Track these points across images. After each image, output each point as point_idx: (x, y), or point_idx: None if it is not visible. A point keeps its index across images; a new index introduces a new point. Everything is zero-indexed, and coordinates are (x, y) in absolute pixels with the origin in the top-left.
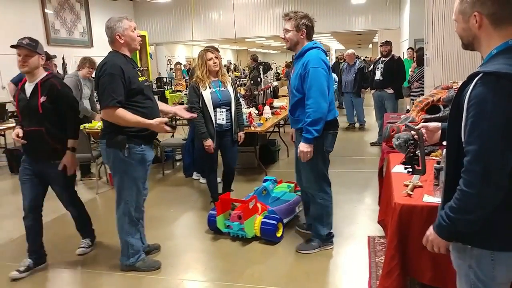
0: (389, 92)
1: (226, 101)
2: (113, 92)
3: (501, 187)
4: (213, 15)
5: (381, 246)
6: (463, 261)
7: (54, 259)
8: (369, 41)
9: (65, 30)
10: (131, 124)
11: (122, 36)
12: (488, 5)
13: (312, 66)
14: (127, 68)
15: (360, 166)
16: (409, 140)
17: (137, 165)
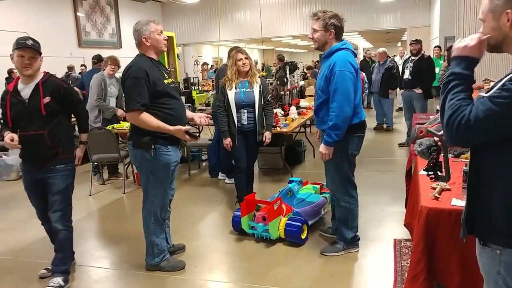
0: (418, 92)
1: (249, 103)
2: (138, 96)
3: None
4: (239, 15)
5: (407, 249)
6: (491, 266)
7: (80, 257)
8: (398, 39)
9: (96, 32)
10: (152, 128)
11: (148, 39)
12: None
13: (339, 69)
14: (152, 70)
15: (388, 168)
16: (432, 147)
17: (163, 166)
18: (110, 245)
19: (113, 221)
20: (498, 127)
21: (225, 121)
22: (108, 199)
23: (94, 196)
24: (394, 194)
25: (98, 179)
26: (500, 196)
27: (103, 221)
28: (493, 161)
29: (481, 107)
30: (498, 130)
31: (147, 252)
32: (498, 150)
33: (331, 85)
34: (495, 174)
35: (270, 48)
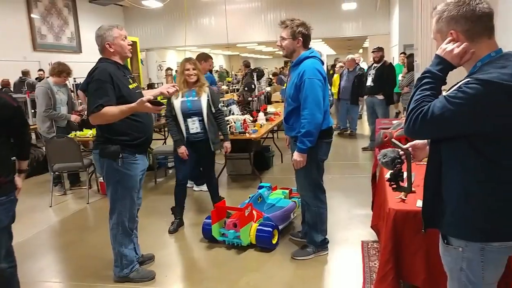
0: (380, 98)
1: (197, 111)
2: (99, 98)
3: None
4: (204, 21)
5: (375, 250)
6: (454, 264)
7: (40, 273)
8: (359, 46)
9: (52, 36)
10: (118, 116)
11: (112, 45)
12: (461, 23)
13: (308, 76)
14: (116, 75)
15: (353, 172)
16: (396, 159)
17: (131, 175)
18: (73, 258)
19: (77, 233)
20: (450, 124)
21: (175, 130)
22: (70, 210)
23: (55, 207)
24: (359, 197)
25: (60, 189)
26: (457, 191)
27: (66, 233)
28: (449, 162)
29: (437, 104)
30: (450, 127)
31: (115, 264)
32: (453, 147)
33: (301, 92)
34: (451, 170)
35: (236, 54)
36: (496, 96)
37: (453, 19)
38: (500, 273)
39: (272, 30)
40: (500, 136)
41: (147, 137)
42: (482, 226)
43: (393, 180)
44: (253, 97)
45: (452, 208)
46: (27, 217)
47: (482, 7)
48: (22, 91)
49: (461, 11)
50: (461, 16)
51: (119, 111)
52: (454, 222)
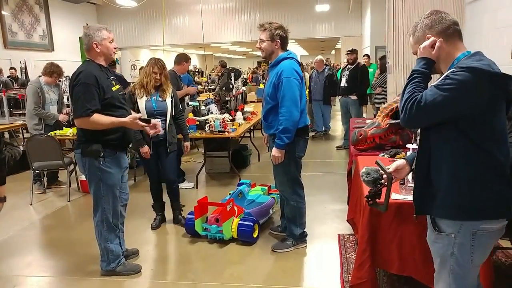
0: (353, 98)
1: (162, 111)
2: (87, 102)
3: None
4: (179, 20)
5: (351, 243)
6: (445, 250)
7: (27, 269)
8: (332, 47)
9: (24, 33)
10: (107, 126)
11: (99, 45)
12: (435, 27)
13: (286, 76)
14: (101, 77)
15: (328, 169)
16: (378, 180)
17: (112, 173)
18: (60, 254)
19: (60, 230)
20: (443, 109)
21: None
22: (52, 208)
23: (36, 205)
24: (335, 194)
25: (39, 187)
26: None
27: (49, 230)
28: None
29: (429, 92)
30: (443, 111)
31: (102, 259)
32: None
33: (279, 91)
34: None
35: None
36: (481, 80)
37: (427, 26)
38: (486, 256)
39: (247, 31)
40: (485, 119)
41: (123, 134)
42: (470, 207)
43: (371, 198)
44: (230, 97)
45: (442, 191)
46: (8, 215)
47: (447, 17)
48: None
49: (432, 19)
50: (433, 22)
51: (110, 122)
52: (445, 204)
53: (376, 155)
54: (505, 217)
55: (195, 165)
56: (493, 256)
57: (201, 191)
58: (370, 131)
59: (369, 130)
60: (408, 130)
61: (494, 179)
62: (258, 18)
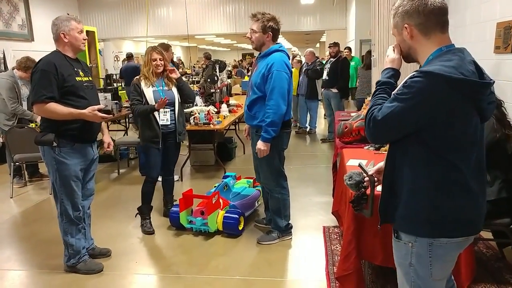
0: (334, 91)
1: (170, 101)
2: (43, 88)
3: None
4: (163, 11)
5: (336, 235)
6: (403, 259)
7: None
8: (317, 40)
9: (2, 22)
10: (64, 117)
11: (66, 35)
12: (414, 16)
13: (276, 69)
14: (63, 66)
15: (313, 162)
16: (360, 183)
17: (68, 163)
18: (41, 247)
19: (41, 223)
20: (401, 121)
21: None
22: (33, 201)
23: (16, 198)
24: (319, 186)
25: (18, 181)
26: (407, 185)
27: (30, 223)
28: (402, 157)
29: (387, 103)
30: (401, 124)
31: (64, 253)
32: (404, 142)
33: (267, 83)
34: (403, 165)
35: (194, 45)
36: (438, 87)
37: (407, 13)
38: (449, 270)
39: (231, 23)
40: (446, 129)
41: (84, 125)
42: (428, 221)
43: (356, 203)
44: (215, 89)
45: (403, 203)
46: None
47: (434, 2)
48: None
49: (414, 5)
50: (414, 10)
51: (68, 112)
52: (404, 217)
53: (361, 148)
54: (465, 236)
55: (180, 158)
56: (475, 247)
57: (186, 184)
58: (355, 123)
59: (355, 122)
60: None
61: (457, 193)
62: (243, 10)
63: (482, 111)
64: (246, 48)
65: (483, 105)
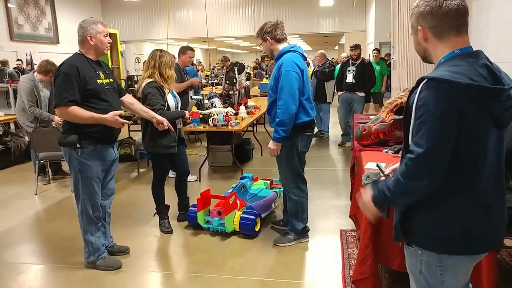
0: (361, 95)
1: (178, 105)
2: (66, 91)
3: (435, 183)
4: (183, 14)
5: (353, 239)
6: (414, 266)
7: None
8: (336, 42)
9: (29, 26)
10: (86, 121)
11: (93, 38)
12: (428, 19)
13: (285, 68)
14: (85, 69)
15: (331, 164)
16: (377, 183)
17: (90, 164)
18: (62, 243)
19: (63, 220)
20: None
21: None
22: (55, 198)
23: (40, 195)
24: (337, 189)
25: (43, 179)
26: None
27: (52, 220)
28: None
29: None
30: (445, 145)
31: (85, 250)
32: None
33: (278, 84)
34: None
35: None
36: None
37: (421, 15)
38: (462, 280)
39: (250, 25)
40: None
41: (106, 127)
42: (438, 237)
43: None
44: (234, 91)
45: (415, 216)
46: (14, 204)
47: (449, 3)
48: (4, 81)
49: (429, 7)
50: (428, 12)
51: (89, 116)
52: (414, 231)
53: (380, 151)
54: (477, 253)
55: (198, 158)
56: (497, 255)
57: (203, 184)
58: (374, 126)
59: (373, 125)
60: None
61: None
62: (262, 13)
63: (497, 118)
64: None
65: (498, 111)
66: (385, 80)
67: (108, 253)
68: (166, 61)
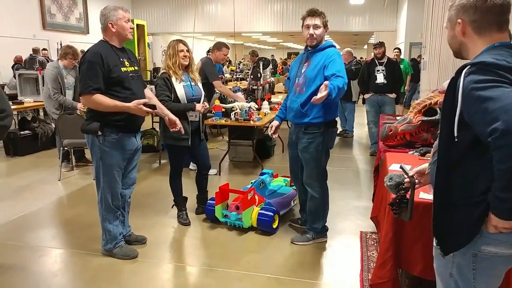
0: (392, 96)
1: (198, 97)
2: (90, 79)
3: None
4: (211, 8)
5: (373, 241)
6: (444, 269)
7: (56, 240)
8: (365, 41)
9: (61, 15)
10: (109, 109)
11: (114, 25)
12: (470, 12)
13: (338, 56)
14: (109, 56)
15: (354, 165)
16: (400, 185)
17: (112, 153)
18: (83, 229)
19: (84, 206)
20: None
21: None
22: (78, 185)
23: (63, 181)
24: (358, 189)
25: (66, 165)
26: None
27: (74, 206)
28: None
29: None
30: None
31: (102, 237)
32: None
33: (329, 68)
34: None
35: (240, 43)
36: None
37: (463, 7)
38: (494, 286)
39: (278, 21)
40: None
41: (130, 116)
42: None
43: (395, 205)
44: (258, 86)
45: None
46: (39, 189)
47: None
48: (34, 68)
49: (472, 0)
50: (471, 5)
51: (113, 105)
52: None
53: (405, 152)
54: None
55: (219, 152)
56: None
57: (223, 178)
58: (400, 127)
59: (400, 126)
60: None
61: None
62: (291, 9)
63: None
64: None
65: None
66: (408, 80)
67: (125, 242)
68: (168, 51)
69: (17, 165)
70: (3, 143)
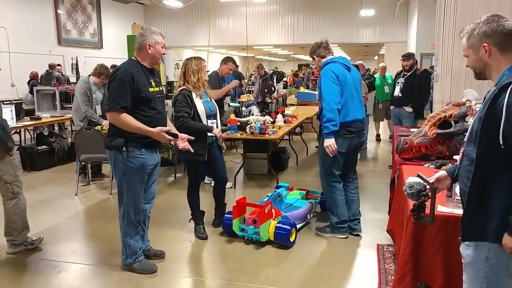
0: (408, 110)
1: (214, 113)
2: (119, 97)
3: None
4: (223, 22)
5: (390, 254)
6: (479, 254)
7: (75, 255)
8: (376, 53)
9: (76, 31)
10: (133, 130)
11: (151, 47)
12: (493, 36)
13: (323, 77)
14: (138, 76)
15: (370, 177)
16: (421, 192)
17: (136, 169)
18: (101, 244)
19: (102, 221)
20: None
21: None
22: (95, 199)
23: (80, 195)
24: (375, 202)
25: (83, 180)
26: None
27: (92, 220)
28: None
29: None
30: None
31: (122, 252)
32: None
33: None
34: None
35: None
36: None
37: (485, 34)
38: None
39: (290, 34)
40: None
41: None
42: None
43: (416, 211)
44: (272, 99)
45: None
46: (56, 204)
47: (508, 24)
48: (51, 84)
49: (492, 27)
50: (492, 31)
51: (137, 127)
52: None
53: (421, 165)
54: None
55: (234, 165)
56: None
57: (238, 191)
58: (416, 140)
59: (415, 139)
60: (455, 141)
61: None
62: (302, 22)
63: None
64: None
65: None
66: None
67: (144, 256)
68: (191, 67)
69: (34, 180)
70: (20, 158)
